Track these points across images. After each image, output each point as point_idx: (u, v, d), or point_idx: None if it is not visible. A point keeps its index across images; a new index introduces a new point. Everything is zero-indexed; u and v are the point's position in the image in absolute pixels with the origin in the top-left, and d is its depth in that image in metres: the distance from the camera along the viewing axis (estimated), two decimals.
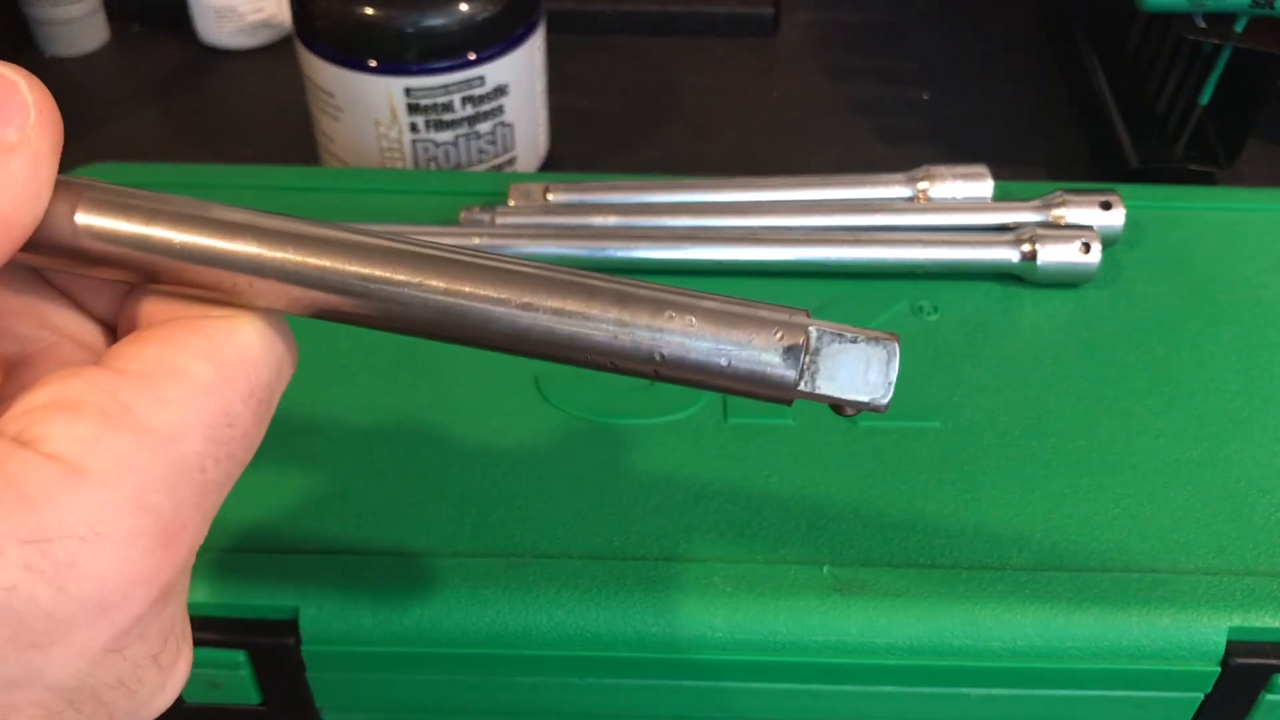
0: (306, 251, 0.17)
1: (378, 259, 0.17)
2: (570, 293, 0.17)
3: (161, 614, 0.16)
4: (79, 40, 0.56)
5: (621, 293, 0.17)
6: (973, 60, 0.58)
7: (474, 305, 0.17)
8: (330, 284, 0.17)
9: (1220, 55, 0.45)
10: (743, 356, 0.17)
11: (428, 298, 0.17)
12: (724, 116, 0.55)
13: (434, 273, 0.17)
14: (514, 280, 0.17)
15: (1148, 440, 0.31)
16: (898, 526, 0.29)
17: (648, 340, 0.17)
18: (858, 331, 0.17)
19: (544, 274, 0.17)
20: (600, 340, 0.17)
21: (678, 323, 0.17)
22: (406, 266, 0.17)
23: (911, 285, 0.36)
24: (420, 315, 0.17)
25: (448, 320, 0.17)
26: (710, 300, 0.17)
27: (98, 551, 0.14)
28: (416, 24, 0.42)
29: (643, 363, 0.17)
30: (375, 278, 0.17)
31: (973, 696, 0.28)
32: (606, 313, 0.17)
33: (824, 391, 0.17)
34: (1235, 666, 0.27)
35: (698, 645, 0.27)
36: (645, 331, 0.17)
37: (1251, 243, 0.38)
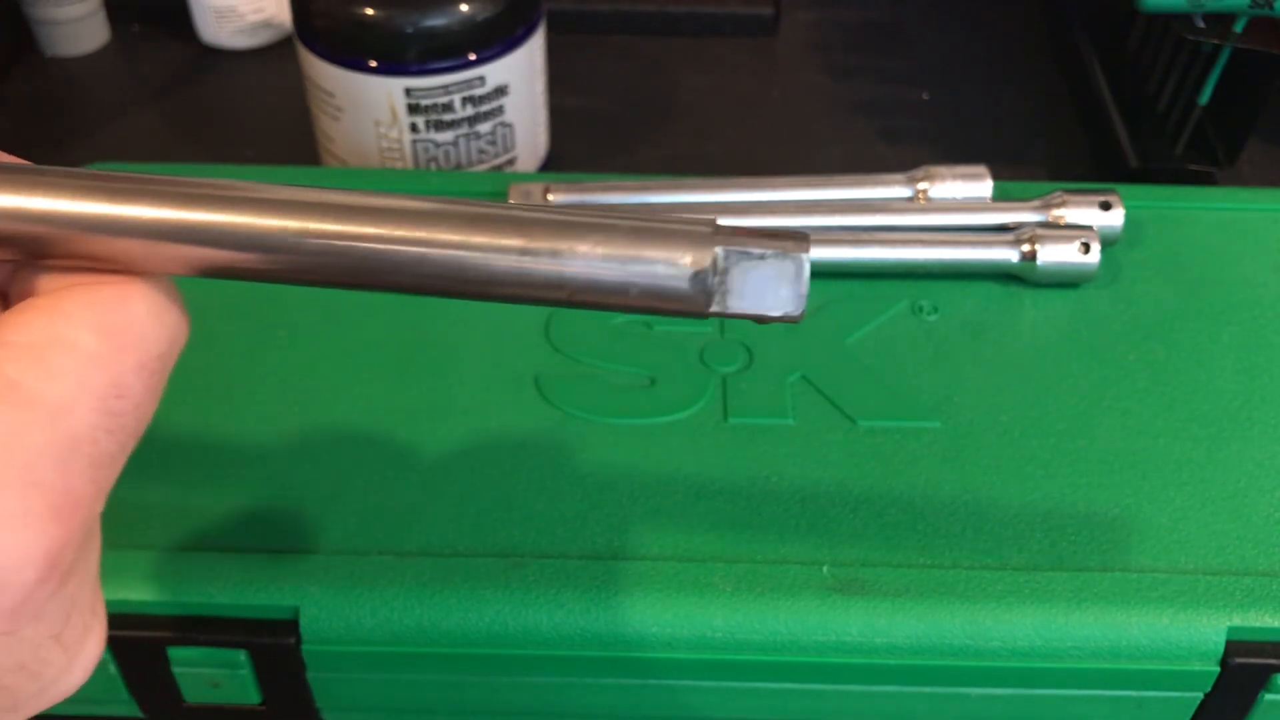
0: (192, 208, 0.16)
1: (269, 210, 0.16)
2: (471, 225, 0.16)
3: (59, 593, 0.15)
4: (79, 40, 0.56)
5: (524, 220, 0.16)
6: (973, 60, 0.58)
7: (375, 248, 0.16)
8: (222, 240, 0.16)
9: (1220, 55, 0.45)
10: (650, 283, 0.16)
11: (326, 244, 0.16)
12: (724, 117, 0.55)
13: (331, 218, 0.16)
14: (411, 218, 0.16)
15: (1147, 440, 0.31)
16: (897, 526, 0.29)
17: (554, 269, 0.16)
18: (766, 244, 0.17)
19: (442, 208, 0.17)
20: (506, 271, 0.16)
21: (583, 250, 0.16)
22: (299, 215, 0.16)
23: (911, 285, 0.36)
24: (320, 263, 0.16)
25: (349, 266, 0.16)
26: (615, 223, 0.16)
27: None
28: (416, 24, 0.42)
29: (552, 290, 0.17)
30: (267, 229, 0.16)
31: (973, 696, 0.28)
32: (510, 242, 0.16)
33: (736, 310, 0.17)
34: (1235, 666, 0.27)
35: (698, 645, 0.27)
36: (550, 260, 0.16)
37: (1251, 243, 0.38)
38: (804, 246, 0.17)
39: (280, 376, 0.33)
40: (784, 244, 0.17)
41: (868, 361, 0.33)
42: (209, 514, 0.29)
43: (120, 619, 0.27)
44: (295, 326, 0.34)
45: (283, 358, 0.33)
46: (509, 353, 0.33)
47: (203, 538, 0.28)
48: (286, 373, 0.33)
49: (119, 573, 0.27)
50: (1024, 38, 0.60)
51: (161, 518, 0.29)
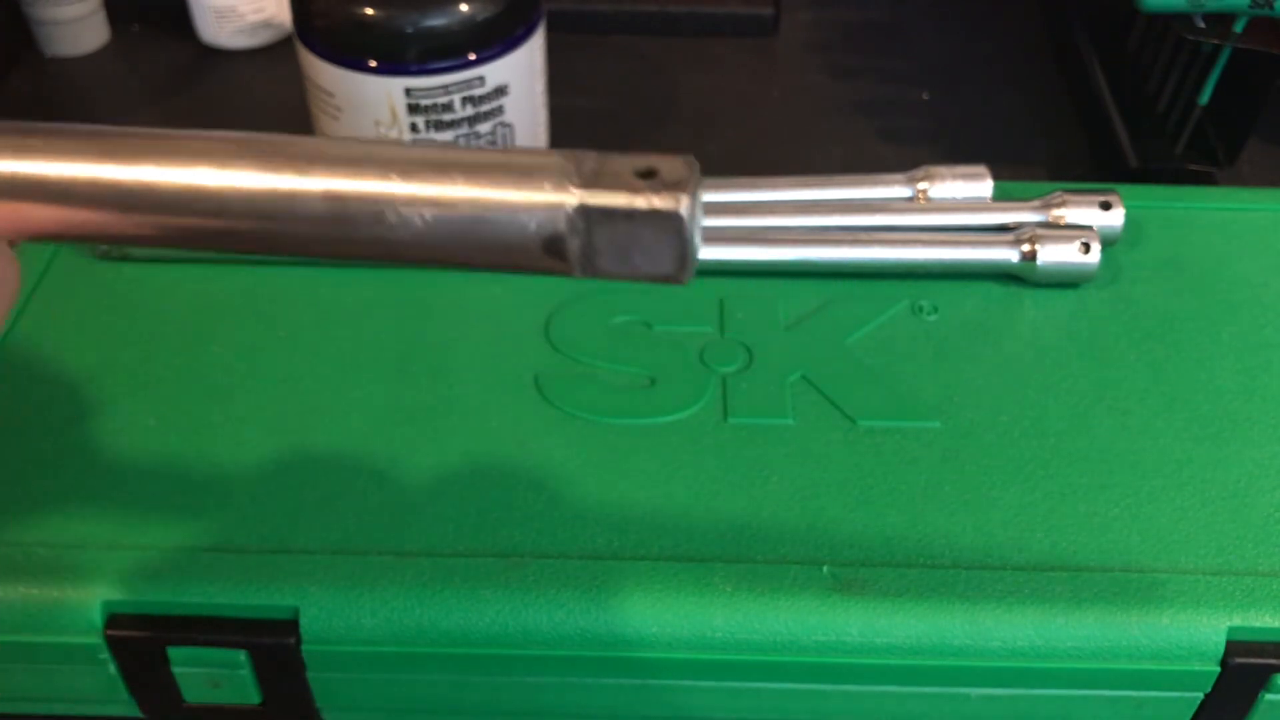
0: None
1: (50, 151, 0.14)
2: (275, 164, 0.14)
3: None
4: (79, 40, 0.56)
5: (340, 160, 0.14)
6: (973, 60, 0.58)
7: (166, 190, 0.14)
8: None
9: (1220, 55, 0.45)
10: (505, 257, 0.14)
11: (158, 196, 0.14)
12: (724, 117, 0.54)
13: (162, 157, 0.14)
14: (211, 155, 0.14)
15: (1147, 440, 0.31)
16: (897, 526, 0.29)
17: (375, 234, 0.14)
18: (636, 194, 0.14)
19: (249, 141, 0.14)
20: (314, 236, 0.14)
21: (419, 216, 0.13)
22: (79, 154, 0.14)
23: (911, 285, 0.36)
24: (144, 227, 0.14)
25: (178, 233, 0.14)
26: (451, 183, 0.13)
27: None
28: (416, 24, 0.42)
29: (405, 256, 0.14)
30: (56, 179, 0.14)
31: (973, 696, 0.28)
32: (318, 190, 0.14)
33: (608, 273, 0.14)
34: (1235, 666, 0.27)
35: (698, 645, 0.27)
36: (370, 225, 0.14)
37: (1251, 243, 0.38)
38: (682, 199, 0.14)
39: (280, 376, 0.33)
40: (660, 194, 0.14)
41: (868, 361, 0.33)
42: (209, 514, 0.29)
43: (120, 619, 0.27)
44: (295, 326, 0.34)
45: (282, 357, 0.33)
46: (509, 353, 0.33)
47: (203, 538, 0.28)
48: (286, 372, 0.33)
49: (119, 572, 0.27)
50: (1024, 37, 0.60)
51: (161, 518, 0.28)
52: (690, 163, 0.14)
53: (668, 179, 0.14)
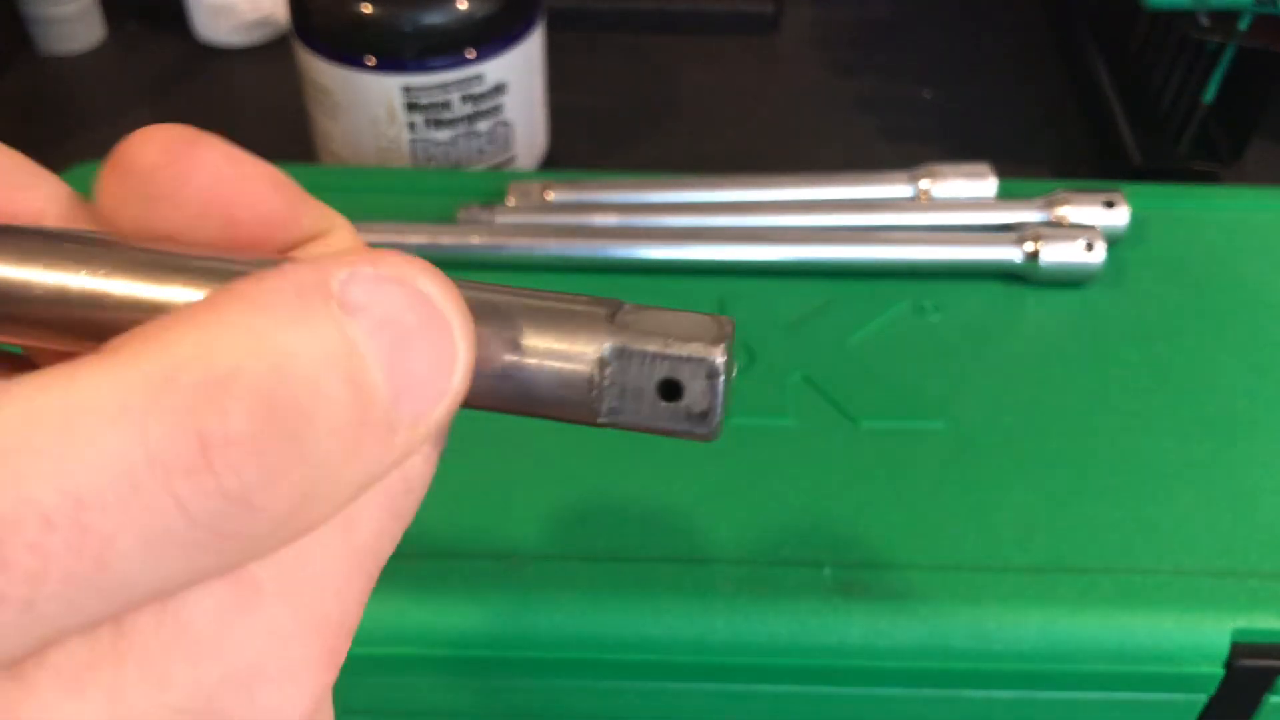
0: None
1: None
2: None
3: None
4: (75, 38, 0.56)
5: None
6: (975, 58, 0.58)
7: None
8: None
9: (1224, 53, 0.45)
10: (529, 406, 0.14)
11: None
12: (725, 115, 0.54)
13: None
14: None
15: (1152, 441, 0.31)
16: (900, 527, 0.29)
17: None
18: (658, 418, 0.13)
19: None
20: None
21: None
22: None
23: (914, 285, 0.36)
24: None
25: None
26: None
27: (263, 694, 0.12)
28: (415, 22, 0.41)
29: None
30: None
31: (976, 699, 0.28)
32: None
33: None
34: (1239, 668, 0.27)
35: (698, 647, 0.27)
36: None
37: (1256, 242, 0.37)
38: (709, 427, 0.13)
39: None
40: (684, 422, 0.13)
41: (870, 361, 0.33)
42: None
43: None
44: None
45: None
46: None
47: None
48: None
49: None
50: (1027, 35, 0.59)
51: None
52: (722, 348, 0.13)
53: (693, 403, 0.13)
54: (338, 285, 0.11)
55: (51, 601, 0.10)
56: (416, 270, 0.12)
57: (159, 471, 0.10)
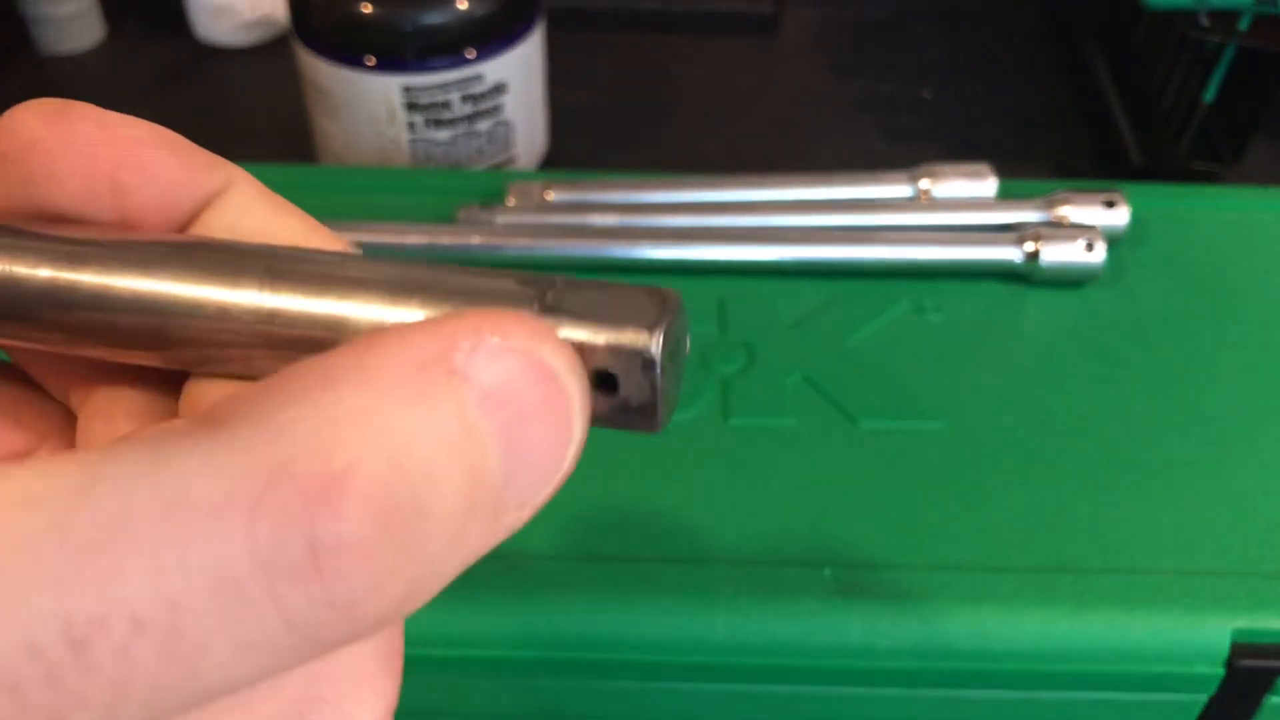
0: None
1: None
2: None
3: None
4: (75, 37, 0.56)
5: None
6: (975, 58, 0.58)
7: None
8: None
9: (1224, 53, 0.45)
10: None
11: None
12: (724, 114, 0.54)
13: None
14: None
15: (1152, 441, 0.31)
16: (900, 528, 0.29)
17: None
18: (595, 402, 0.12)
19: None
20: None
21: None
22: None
23: (914, 285, 0.36)
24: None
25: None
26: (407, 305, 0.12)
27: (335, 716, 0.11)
28: (415, 22, 0.41)
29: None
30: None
31: (976, 700, 0.28)
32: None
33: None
34: (1240, 669, 0.27)
35: (698, 648, 0.27)
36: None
37: (1256, 242, 0.37)
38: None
39: None
40: (620, 414, 0.12)
41: (870, 362, 0.33)
42: None
43: None
44: None
45: None
46: None
47: None
48: None
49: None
50: (1027, 35, 0.59)
51: None
52: (659, 333, 0.11)
53: (629, 395, 0.11)
54: (461, 360, 0.10)
55: (134, 706, 0.09)
56: (540, 339, 0.11)
57: (263, 576, 0.09)
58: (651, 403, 0.11)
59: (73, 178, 0.12)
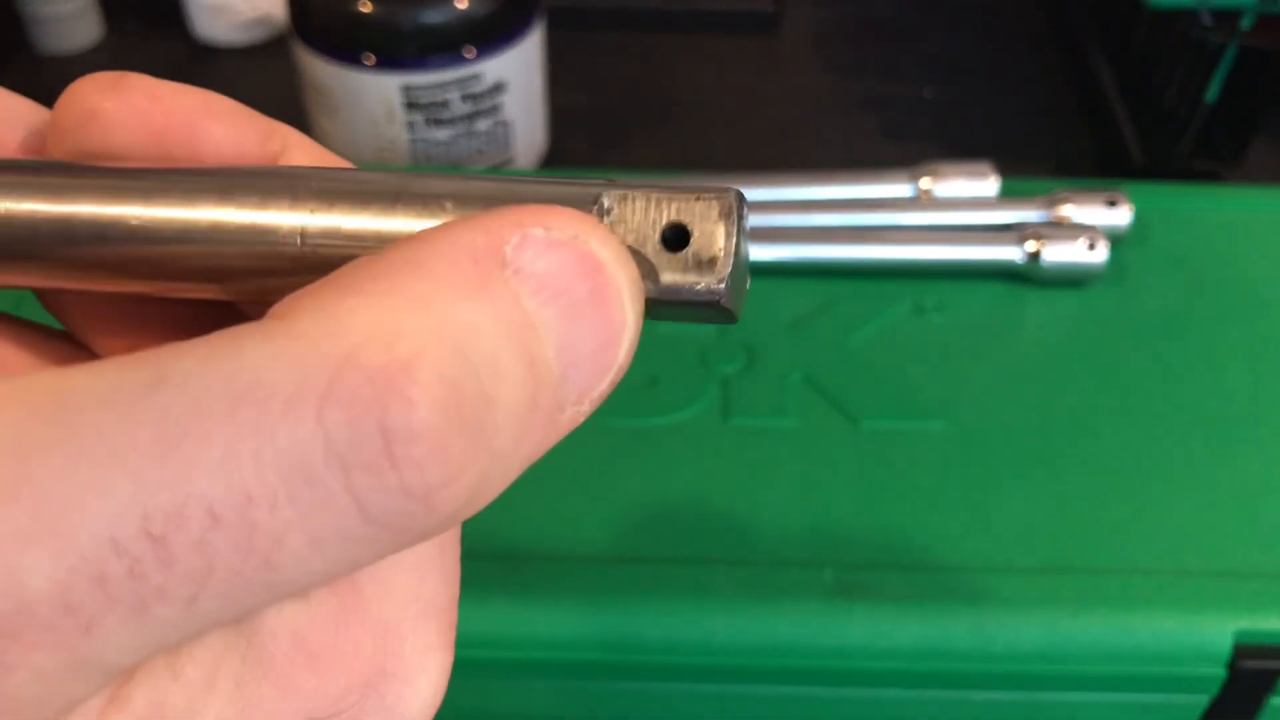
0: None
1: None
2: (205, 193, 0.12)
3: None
4: (73, 37, 0.56)
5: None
6: (976, 57, 0.58)
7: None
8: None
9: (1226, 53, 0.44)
10: None
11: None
12: (725, 114, 0.54)
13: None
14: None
15: (1154, 441, 0.31)
16: (901, 528, 0.28)
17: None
18: (660, 274, 0.11)
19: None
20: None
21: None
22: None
23: (915, 284, 0.35)
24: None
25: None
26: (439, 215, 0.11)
27: (391, 692, 0.12)
28: (414, 21, 0.41)
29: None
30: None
31: (977, 701, 0.28)
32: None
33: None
34: (1242, 670, 0.27)
35: (698, 649, 0.27)
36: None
37: (1258, 241, 0.37)
38: (719, 280, 0.11)
39: None
40: (688, 277, 0.11)
41: (871, 361, 0.33)
42: None
43: None
44: None
45: None
46: None
47: None
48: None
49: None
50: (1028, 34, 0.59)
51: None
52: (728, 208, 0.11)
53: (700, 249, 0.11)
54: (511, 252, 0.10)
55: (214, 599, 0.09)
56: (590, 231, 0.11)
57: (337, 466, 0.09)
58: (725, 255, 0.11)
59: (128, 149, 0.12)
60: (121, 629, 0.09)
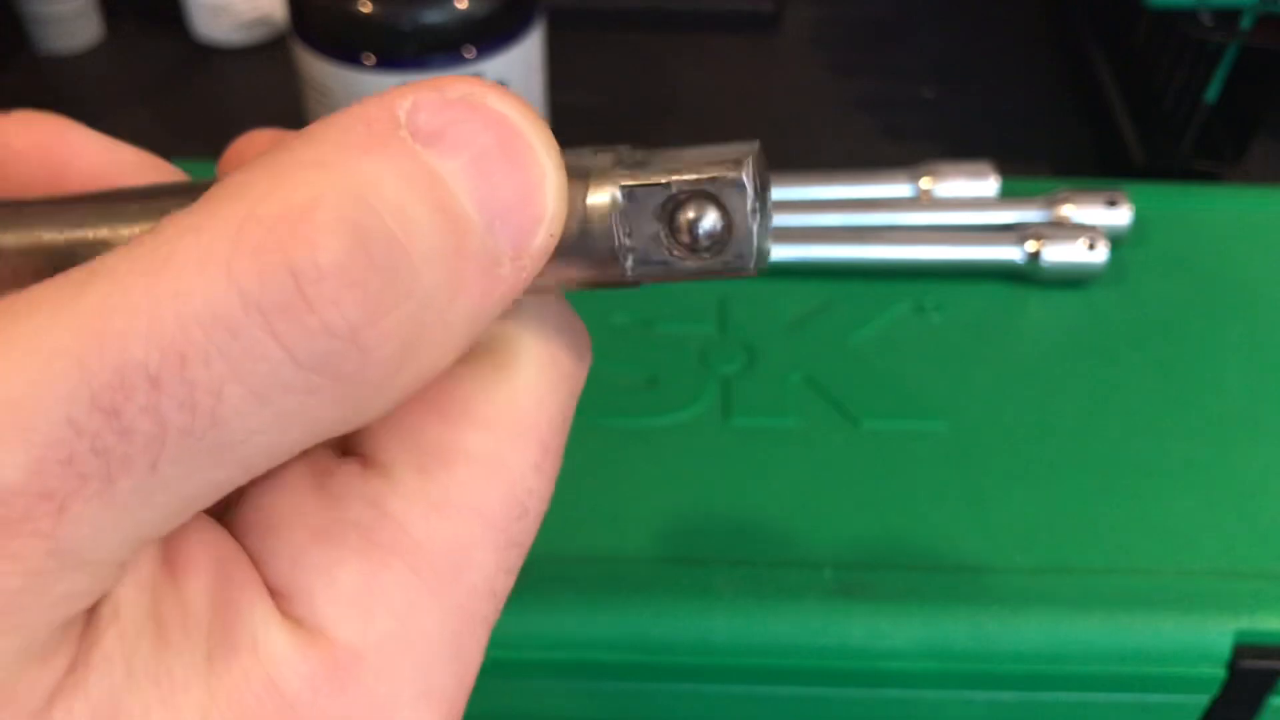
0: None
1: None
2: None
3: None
4: (73, 37, 0.56)
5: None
6: (977, 57, 0.58)
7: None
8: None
9: (1226, 53, 0.44)
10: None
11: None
12: (725, 114, 0.54)
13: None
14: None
15: (1154, 441, 0.31)
16: (901, 528, 0.28)
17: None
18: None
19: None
20: None
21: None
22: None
23: (915, 285, 0.35)
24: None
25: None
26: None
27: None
28: (414, 20, 0.41)
29: None
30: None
31: (977, 701, 0.28)
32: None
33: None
34: (1242, 670, 0.27)
35: (698, 649, 0.27)
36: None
37: (1258, 241, 0.37)
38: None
39: None
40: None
41: (871, 362, 0.33)
42: None
43: None
44: None
45: None
46: None
47: None
48: None
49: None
50: (1028, 34, 0.59)
51: None
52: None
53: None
54: (404, 114, 0.10)
55: (172, 465, 0.09)
56: (485, 90, 0.11)
57: (254, 314, 0.09)
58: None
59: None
60: (94, 507, 0.09)
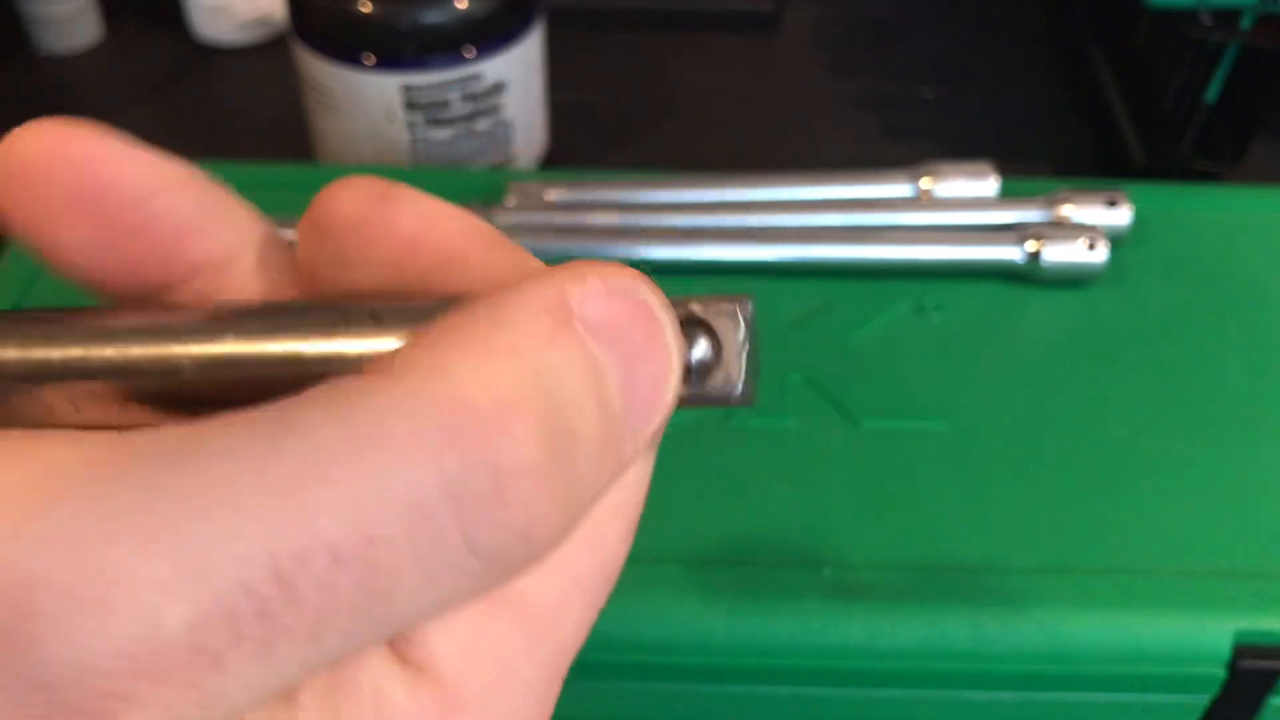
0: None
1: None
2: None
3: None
4: (73, 37, 0.56)
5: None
6: (977, 57, 0.58)
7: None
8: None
9: (1226, 53, 0.44)
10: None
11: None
12: (725, 113, 0.54)
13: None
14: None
15: (1154, 441, 0.31)
16: (901, 528, 0.28)
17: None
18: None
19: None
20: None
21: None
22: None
23: (914, 284, 0.35)
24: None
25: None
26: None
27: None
28: (414, 20, 0.41)
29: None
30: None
31: (977, 701, 0.28)
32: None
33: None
34: (1242, 670, 0.27)
35: (698, 648, 0.27)
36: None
37: (1259, 242, 0.37)
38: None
39: None
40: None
41: (871, 362, 0.33)
42: None
43: None
44: None
45: None
46: None
47: None
48: None
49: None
50: (1028, 34, 0.59)
51: None
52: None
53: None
54: (576, 303, 0.11)
55: (334, 635, 0.10)
56: (638, 283, 0.12)
57: (451, 504, 0.10)
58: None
59: (385, 266, 0.13)
60: (248, 666, 0.09)
